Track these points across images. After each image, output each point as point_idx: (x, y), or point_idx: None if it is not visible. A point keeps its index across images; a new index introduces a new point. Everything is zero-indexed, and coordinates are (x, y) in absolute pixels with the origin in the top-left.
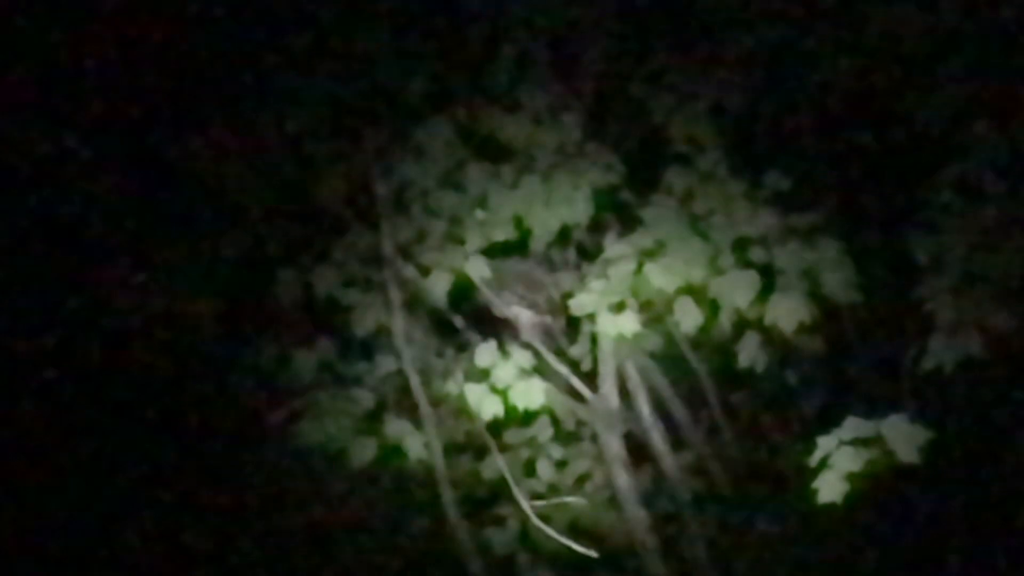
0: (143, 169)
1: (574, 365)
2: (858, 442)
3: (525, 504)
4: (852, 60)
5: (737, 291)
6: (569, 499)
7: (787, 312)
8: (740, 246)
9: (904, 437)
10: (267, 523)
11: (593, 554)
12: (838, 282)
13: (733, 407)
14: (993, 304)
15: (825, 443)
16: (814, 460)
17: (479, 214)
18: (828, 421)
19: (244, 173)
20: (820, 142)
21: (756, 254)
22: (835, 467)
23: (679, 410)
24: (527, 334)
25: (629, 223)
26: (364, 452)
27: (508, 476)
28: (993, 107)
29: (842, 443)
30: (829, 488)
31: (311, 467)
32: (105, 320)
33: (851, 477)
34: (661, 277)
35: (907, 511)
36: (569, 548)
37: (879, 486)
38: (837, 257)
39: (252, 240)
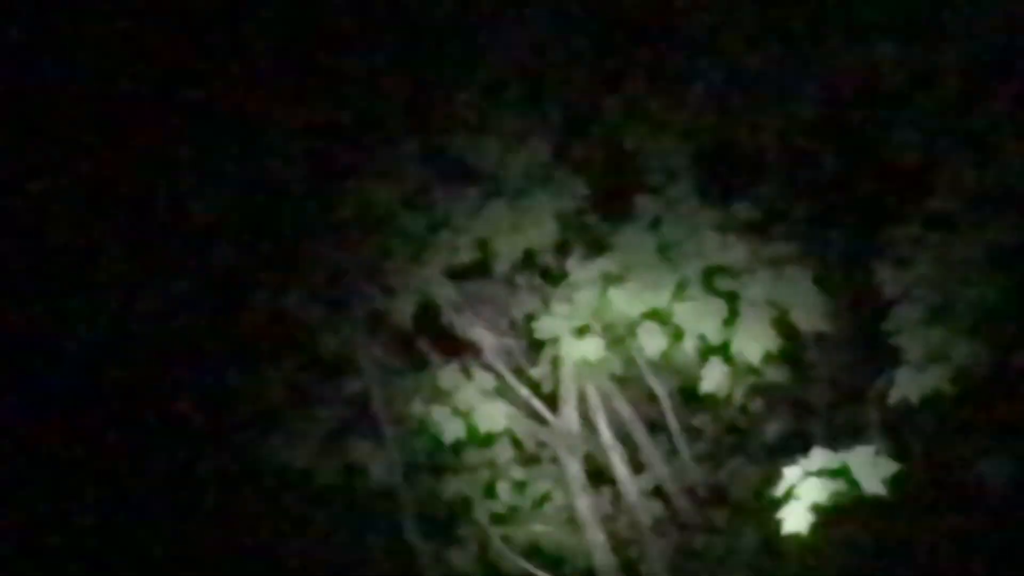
0: (102, 187)
1: (535, 387)
2: (824, 473)
3: (486, 525)
4: (825, 92)
5: (703, 319)
6: (538, 528)
7: (753, 341)
8: (708, 275)
9: (870, 469)
10: (226, 541)
11: None
12: (806, 312)
13: (694, 432)
14: (961, 338)
15: (791, 473)
16: (780, 490)
17: (444, 235)
18: (791, 450)
19: (211, 191)
20: (791, 173)
21: (724, 283)
22: (801, 497)
23: (640, 433)
24: (490, 356)
25: (595, 248)
26: (327, 472)
27: (472, 497)
28: (964, 141)
29: (808, 474)
30: (794, 518)
31: (274, 486)
32: (71, 341)
33: (816, 508)
34: (625, 302)
35: (871, 543)
36: (529, 571)
37: (844, 517)
38: (806, 287)
39: (220, 259)
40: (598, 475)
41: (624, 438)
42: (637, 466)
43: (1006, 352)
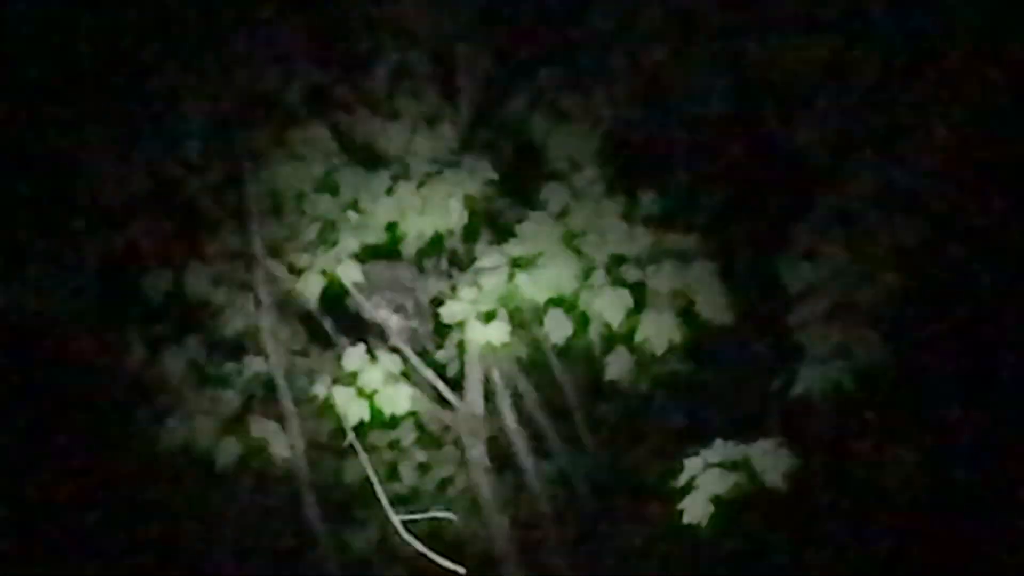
0: (9, 164)
1: (441, 370)
2: (725, 465)
3: (388, 509)
4: (732, 84)
5: (608, 308)
6: (440, 515)
7: (657, 331)
8: (613, 264)
9: (771, 462)
10: (130, 521)
11: (457, 568)
12: (710, 304)
13: (598, 419)
14: (863, 333)
15: (692, 464)
16: (680, 481)
17: (352, 217)
18: (694, 440)
19: (117, 169)
20: (698, 165)
21: (629, 273)
22: (701, 488)
23: (544, 419)
24: (395, 338)
25: (502, 233)
26: (229, 452)
27: (373, 479)
28: (871, 137)
29: (709, 465)
30: (694, 509)
31: (175, 466)
32: None
33: (716, 499)
34: (532, 288)
35: (770, 534)
36: (426, 556)
37: (744, 508)
38: (710, 279)
39: (123, 237)
40: (501, 459)
41: (528, 423)
42: (540, 451)
43: (906, 349)
